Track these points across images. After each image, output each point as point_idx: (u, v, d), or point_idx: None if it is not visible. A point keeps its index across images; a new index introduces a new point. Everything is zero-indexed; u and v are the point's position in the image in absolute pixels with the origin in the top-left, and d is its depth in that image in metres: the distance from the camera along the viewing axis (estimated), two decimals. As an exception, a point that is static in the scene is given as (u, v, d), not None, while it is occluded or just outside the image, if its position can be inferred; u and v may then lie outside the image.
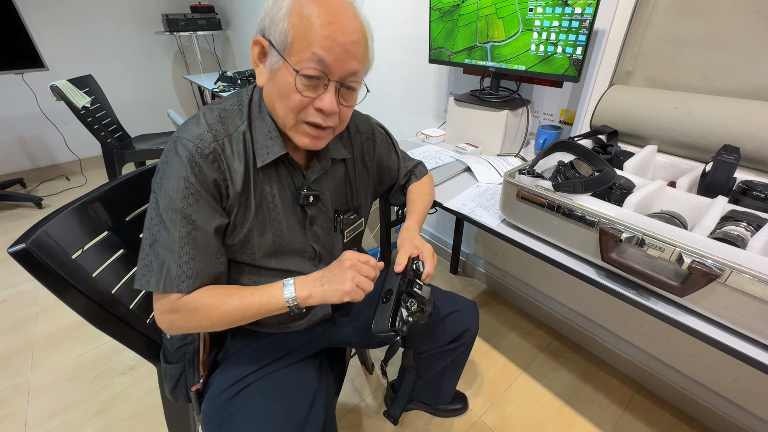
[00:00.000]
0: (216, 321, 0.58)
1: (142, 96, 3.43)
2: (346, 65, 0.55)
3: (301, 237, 0.69)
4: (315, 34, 0.51)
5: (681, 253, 0.55)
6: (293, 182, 0.66)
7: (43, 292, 1.73)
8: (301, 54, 0.52)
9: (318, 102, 0.56)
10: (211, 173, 0.56)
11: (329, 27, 0.52)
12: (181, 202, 0.55)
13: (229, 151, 0.58)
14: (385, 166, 0.84)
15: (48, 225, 0.60)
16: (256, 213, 0.62)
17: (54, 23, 2.84)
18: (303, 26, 0.51)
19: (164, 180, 0.55)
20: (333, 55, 0.53)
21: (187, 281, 0.56)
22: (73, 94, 2.01)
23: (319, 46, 0.52)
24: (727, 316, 0.55)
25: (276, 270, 0.68)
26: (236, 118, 0.61)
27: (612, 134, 0.95)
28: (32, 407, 1.23)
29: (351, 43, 0.54)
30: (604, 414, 1.20)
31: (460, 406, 1.19)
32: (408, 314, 0.57)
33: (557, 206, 0.69)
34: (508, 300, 1.69)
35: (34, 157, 3.10)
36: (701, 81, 0.89)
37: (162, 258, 0.55)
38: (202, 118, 0.59)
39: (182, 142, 0.56)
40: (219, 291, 0.59)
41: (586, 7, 0.87)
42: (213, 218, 0.58)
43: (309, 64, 0.52)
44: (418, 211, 0.81)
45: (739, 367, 1.02)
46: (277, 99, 0.57)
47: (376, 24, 1.72)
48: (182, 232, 0.55)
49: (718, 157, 0.71)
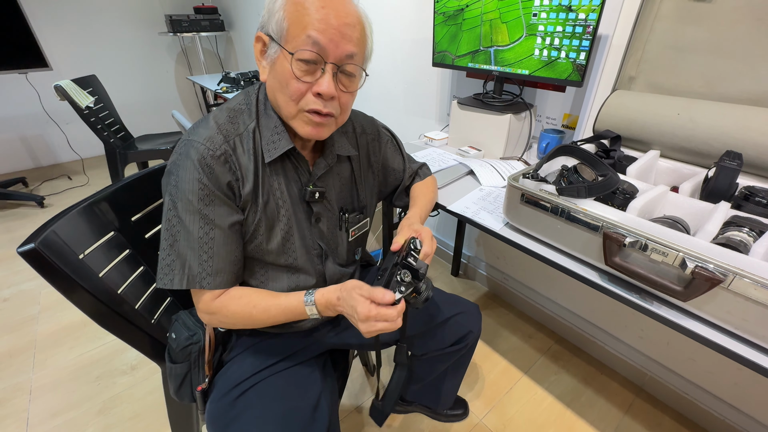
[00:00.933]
0: (247, 325, 0.65)
1: (145, 96, 3.45)
2: (342, 47, 0.55)
3: (309, 234, 0.70)
4: (309, 17, 0.52)
5: (684, 258, 0.55)
6: (299, 178, 0.67)
7: (45, 291, 1.73)
8: (296, 39, 0.53)
9: (316, 87, 0.56)
10: (224, 175, 0.57)
11: (322, 10, 0.53)
12: (198, 203, 0.56)
13: (240, 150, 0.59)
14: (391, 167, 0.85)
15: (56, 225, 0.60)
16: (264, 208, 0.63)
17: (58, 23, 2.86)
18: (297, 12, 0.53)
19: (179, 183, 0.56)
20: (327, 36, 0.53)
21: (208, 278, 0.59)
22: (76, 94, 2.02)
23: (312, 28, 0.52)
24: (730, 321, 0.55)
25: (283, 266, 0.68)
26: (245, 117, 0.62)
27: (615, 139, 0.95)
28: (34, 406, 1.23)
29: (345, 25, 0.54)
30: (605, 418, 1.20)
31: (461, 411, 1.19)
32: (401, 284, 0.55)
33: (561, 210, 0.69)
34: (509, 303, 1.69)
35: (36, 157, 3.11)
36: (704, 87, 0.90)
37: (183, 257, 0.58)
38: (211, 120, 0.60)
39: (193, 145, 0.57)
40: (245, 301, 0.62)
41: (589, 13, 0.88)
42: (230, 216, 0.59)
43: (304, 47, 0.53)
44: (421, 205, 0.82)
45: (740, 371, 1.02)
46: (278, 90, 0.58)
47: (381, 27, 1.73)
48: (201, 232, 0.57)
49: (720, 163, 0.72)
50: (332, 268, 0.74)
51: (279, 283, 0.69)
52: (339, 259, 0.76)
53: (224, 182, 0.58)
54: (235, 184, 0.59)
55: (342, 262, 0.77)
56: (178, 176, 0.57)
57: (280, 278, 0.69)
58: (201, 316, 0.65)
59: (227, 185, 0.58)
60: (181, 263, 0.58)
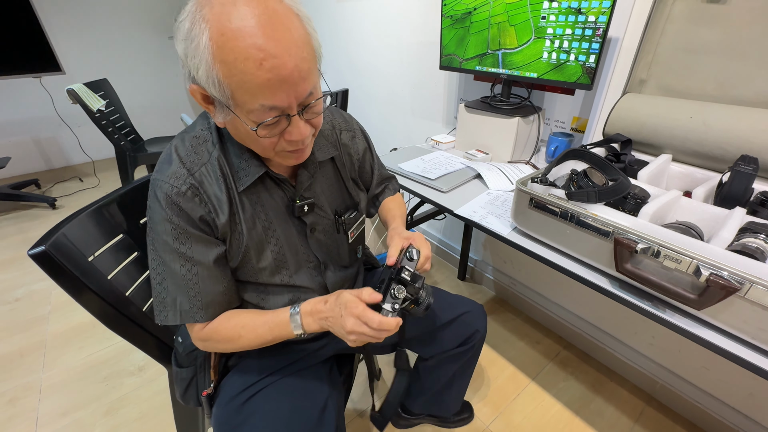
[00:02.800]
0: (238, 348, 0.63)
1: (155, 99, 3.50)
2: (300, 92, 0.48)
3: (302, 248, 0.67)
4: (252, 83, 0.44)
5: (699, 266, 0.54)
6: (285, 194, 0.63)
7: (55, 291, 1.76)
8: (249, 105, 0.46)
9: (287, 135, 0.51)
10: (194, 210, 0.55)
11: (263, 68, 0.43)
12: (174, 243, 0.55)
13: (208, 181, 0.56)
14: (364, 163, 0.81)
15: (66, 228, 0.61)
16: (249, 234, 0.60)
17: (71, 28, 2.92)
18: (235, 76, 0.44)
19: (153, 225, 0.56)
20: (283, 94, 0.46)
21: (200, 312, 0.58)
22: (88, 98, 2.06)
23: (264, 96, 0.45)
24: (746, 331, 0.54)
25: (281, 286, 0.67)
26: (209, 144, 0.58)
27: (625, 143, 0.94)
28: (43, 406, 1.25)
29: (294, 69, 0.45)
30: (615, 426, 1.18)
31: (467, 415, 1.18)
32: (396, 300, 0.55)
33: (570, 215, 0.68)
34: (516, 308, 1.67)
35: (48, 159, 3.17)
36: (717, 90, 0.88)
37: (173, 294, 0.57)
38: (173, 153, 0.56)
39: (158, 184, 0.54)
40: (233, 323, 0.61)
41: (599, 15, 0.87)
42: (209, 251, 0.57)
43: (263, 116, 0.47)
44: (401, 216, 0.81)
45: (755, 381, 1.00)
46: (246, 142, 0.54)
47: (388, 30, 1.73)
48: (183, 270, 0.56)
49: (735, 168, 0.70)
50: (333, 276, 0.72)
51: (280, 301, 0.67)
52: (341, 262, 0.75)
53: (196, 217, 0.55)
54: (208, 216, 0.56)
55: (345, 264, 0.76)
56: (151, 218, 0.56)
57: (280, 298, 0.67)
58: (196, 344, 0.63)
59: (200, 219, 0.55)
60: (171, 300, 0.57)
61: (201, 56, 0.44)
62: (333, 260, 0.73)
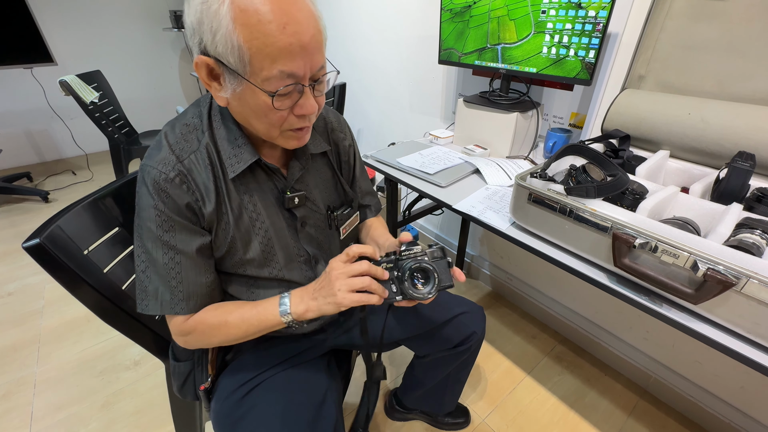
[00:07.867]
0: (224, 339, 0.60)
1: (150, 92, 3.45)
2: (315, 64, 0.50)
3: (293, 242, 0.67)
4: (274, 46, 0.45)
5: (696, 261, 0.54)
6: (275, 186, 0.63)
7: (49, 285, 1.74)
8: (266, 72, 0.46)
9: (298, 109, 0.52)
10: (181, 197, 0.54)
11: (286, 32, 0.45)
12: (158, 230, 0.55)
13: (197, 169, 0.56)
14: (350, 168, 0.80)
15: (61, 220, 0.60)
16: (236, 225, 0.59)
17: (63, 19, 2.86)
18: (256, 39, 0.44)
19: (139, 211, 0.56)
20: (301, 61, 0.47)
21: (180, 303, 0.57)
22: (81, 90, 2.02)
23: (284, 61, 0.46)
24: (741, 325, 0.54)
25: (271, 279, 0.66)
26: (199, 132, 0.58)
27: (624, 138, 0.94)
28: (38, 400, 1.24)
29: (313, 38, 0.47)
30: (609, 419, 1.20)
31: (462, 420, 1.17)
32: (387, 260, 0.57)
33: (569, 210, 0.69)
34: (512, 302, 1.68)
35: (41, 151, 3.12)
36: (715, 86, 0.89)
37: (155, 284, 0.56)
38: (163, 140, 0.56)
39: (146, 170, 0.54)
40: (220, 311, 0.60)
41: (599, 11, 0.87)
42: (193, 240, 0.57)
43: (280, 83, 0.48)
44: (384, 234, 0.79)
45: (747, 374, 1.01)
46: (253, 118, 0.53)
47: (385, 24, 1.72)
48: (166, 258, 0.56)
49: (732, 164, 0.71)
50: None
51: (270, 296, 0.65)
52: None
53: (182, 204, 0.54)
54: (195, 204, 0.55)
55: None
56: (138, 205, 0.56)
57: (271, 292, 0.66)
58: (177, 339, 0.62)
59: (186, 207, 0.55)
60: (153, 289, 0.56)
61: (220, 20, 0.44)
62: (324, 255, 0.72)
